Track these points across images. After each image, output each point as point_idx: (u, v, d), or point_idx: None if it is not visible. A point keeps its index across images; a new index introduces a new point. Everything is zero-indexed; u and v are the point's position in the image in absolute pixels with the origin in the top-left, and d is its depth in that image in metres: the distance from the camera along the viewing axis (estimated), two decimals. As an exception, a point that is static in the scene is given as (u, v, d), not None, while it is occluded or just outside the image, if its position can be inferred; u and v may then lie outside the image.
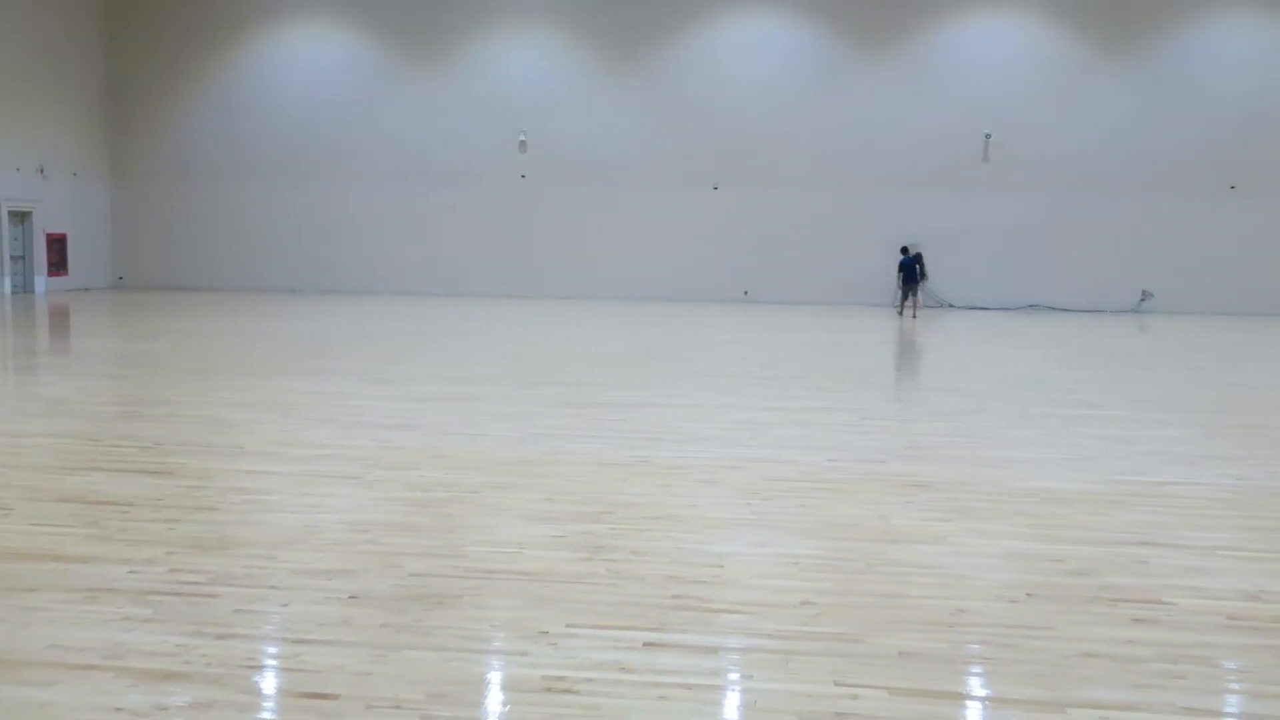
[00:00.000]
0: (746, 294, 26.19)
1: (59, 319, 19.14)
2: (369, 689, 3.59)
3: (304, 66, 27.19)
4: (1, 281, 24.27)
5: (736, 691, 3.67)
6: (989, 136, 25.30)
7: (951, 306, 25.70)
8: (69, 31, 26.15)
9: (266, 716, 3.45)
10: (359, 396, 10.05)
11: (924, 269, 23.99)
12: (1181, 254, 25.03)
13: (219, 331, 16.49)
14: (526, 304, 24.32)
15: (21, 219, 24.97)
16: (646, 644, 4.02)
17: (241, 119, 27.46)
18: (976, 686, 3.75)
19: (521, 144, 26.66)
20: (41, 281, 25.40)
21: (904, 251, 23.85)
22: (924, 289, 24.87)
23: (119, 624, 4.13)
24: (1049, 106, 25.13)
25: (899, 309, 23.43)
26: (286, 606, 4.36)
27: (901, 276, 23.26)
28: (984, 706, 3.60)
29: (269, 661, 3.85)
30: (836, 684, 3.69)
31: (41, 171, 25.29)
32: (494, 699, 3.60)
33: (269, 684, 3.67)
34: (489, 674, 3.79)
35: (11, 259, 24.67)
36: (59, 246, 26.14)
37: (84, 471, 6.78)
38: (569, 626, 4.18)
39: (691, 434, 8.41)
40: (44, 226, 25.54)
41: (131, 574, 4.73)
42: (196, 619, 4.19)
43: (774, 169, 25.90)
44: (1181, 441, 8.44)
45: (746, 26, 25.84)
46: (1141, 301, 25.25)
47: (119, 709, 3.42)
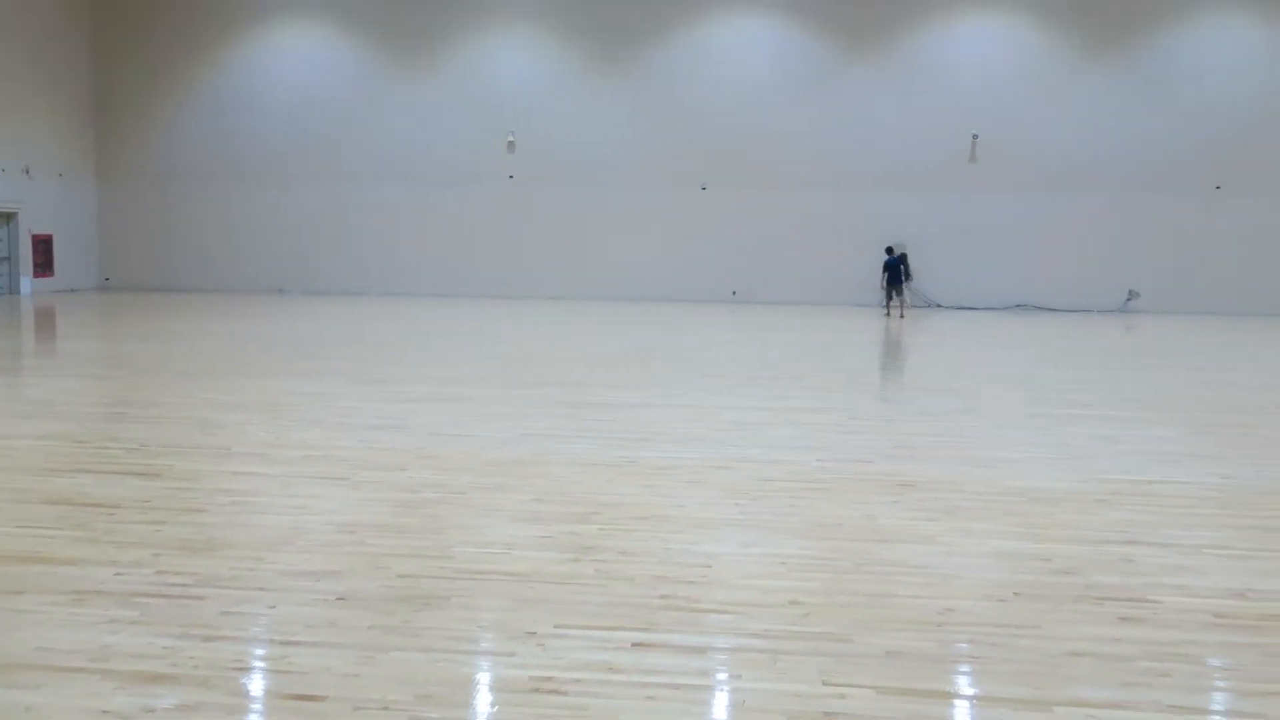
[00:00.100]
0: (735, 294, 26.21)
1: (45, 320, 19.06)
2: (356, 690, 3.58)
3: (292, 67, 27.12)
4: (-13, 283, 24.22)
5: (725, 691, 3.67)
6: (976, 137, 25.37)
7: (939, 306, 25.76)
8: (55, 32, 26.04)
9: (254, 718, 3.45)
10: (347, 397, 10.03)
11: (908, 269, 24.03)
12: (1168, 254, 25.14)
13: (206, 333, 16.44)
14: (515, 304, 24.30)
15: (7, 220, 24.84)
16: (634, 644, 4.02)
17: (229, 120, 27.37)
18: (964, 685, 3.76)
19: (510, 144, 26.63)
20: (27, 283, 25.27)
21: (889, 251, 23.89)
22: (910, 289, 24.95)
23: (106, 626, 4.12)
24: (1036, 107, 25.21)
25: (886, 310, 23.47)
26: (274, 608, 4.35)
27: (886, 276, 23.29)
28: (971, 705, 3.61)
29: (256, 663, 3.84)
30: (825, 683, 3.70)
31: (27, 172, 25.16)
32: (482, 700, 3.60)
33: (256, 686, 3.66)
34: (477, 675, 3.79)
35: (-3, 260, 24.63)
36: (45, 247, 26.02)
37: (71, 473, 6.75)
38: (557, 627, 4.18)
39: (680, 434, 8.42)
40: (30, 227, 25.41)
41: (118, 576, 4.72)
42: (183, 621, 4.18)
43: (763, 169, 25.93)
44: (1168, 441, 8.48)
45: (736, 27, 25.86)
46: (1128, 301, 25.34)
47: (106, 711, 3.41)
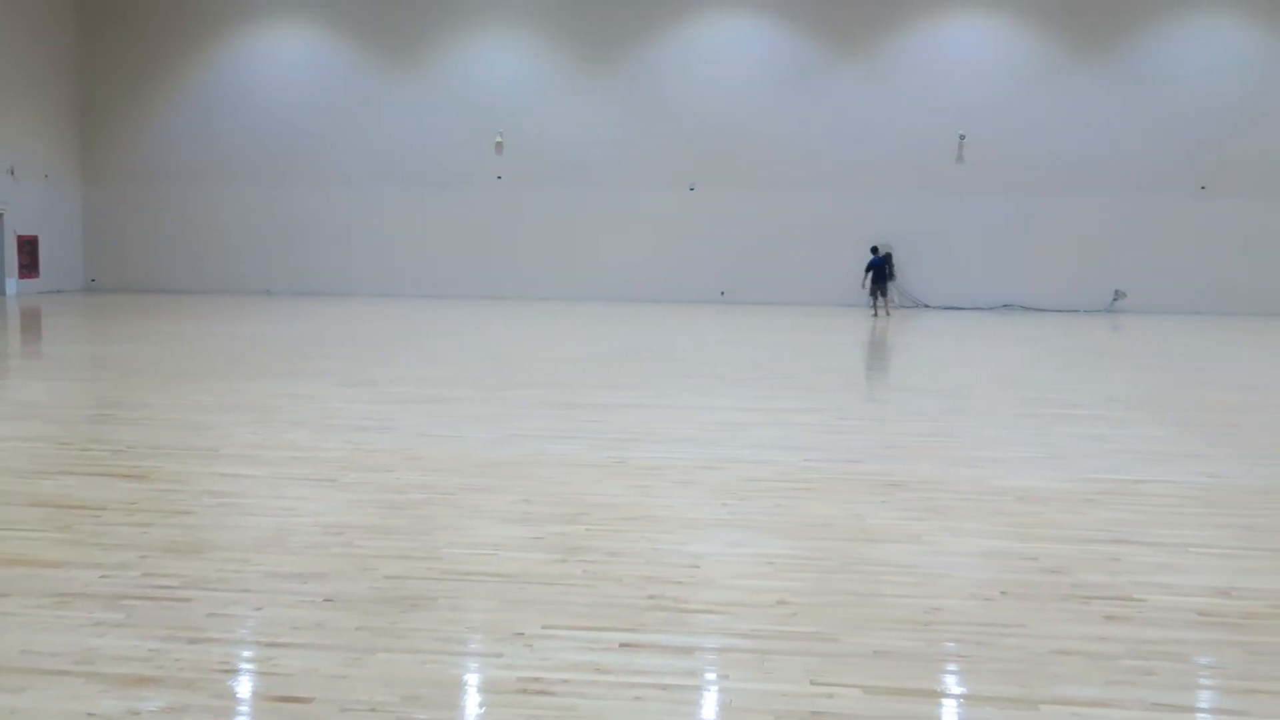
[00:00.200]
0: (723, 295, 26.23)
1: (30, 321, 18.96)
2: (344, 692, 3.57)
3: (278, 67, 27.05)
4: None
5: (712, 691, 3.67)
6: (963, 138, 25.44)
7: (927, 307, 25.83)
8: (39, 32, 25.92)
9: (240, 721, 3.43)
10: (335, 399, 10.01)
11: (893, 269, 24.11)
12: (1154, 254, 25.25)
13: (193, 334, 16.38)
14: (504, 305, 24.27)
15: (-9, 221, 24.77)
16: (622, 645, 4.02)
17: (216, 120, 27.28)
18: (951, 684, 3.77)
19: (498, 145, 26.61)
20: (12, 284, 25.14)
21: (874, 251, 23.95)
22: (894, 288, 25.04)
23: (91, 629, 4.10)
24: (1022, 108, 25.30)
25: (873, 310, 23.52)
26: (260, 610, 4.34)
27: (870, 276, 23.34)
28: (958, 704, 3.62)
29: (242, 665, 3.82)
30: (812, 683, 3.70)
31: (12, 173, 25.04)
32: (469, 701, 3.59)
33: (242, 688, 3.65)
34: (464, 676, 3.78)
35: (-19, 261, 24.52)
36: (30, 248, 25.90)
37: (56, 475, 6.72)
38: (545, 628, 4.17)
39: (669, 435, 8.42)
40: (14, 228, 25.29)
41: (103, 578, 4.70)
42: (169, 623, 4.16)
43: (751, 170, 25.96)
44: (1155, 440, 8.52)
45: (723, 28, 25.89)
46: (1114, 301, 25.45)
47: (91, 714, 3.39)
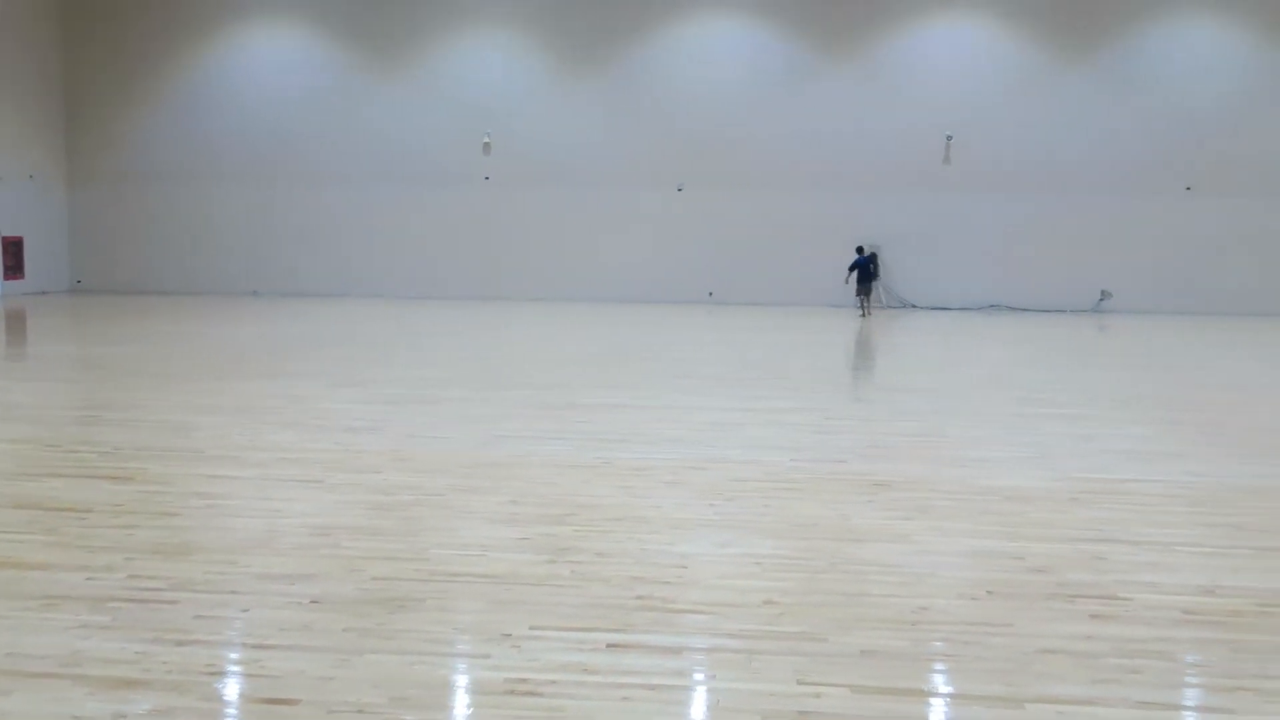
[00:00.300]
0: (711, 295, 26.25)
1: (15, 323, 18.87)
2: (330, 694, 3.57)
3: (265, 67, 26.97)
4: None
5: (700, 691, 3.68)
6: (950, 138, 25.51)
7: (914, 307, 25.89)
8: (23, 32, 25.79)
9: (227, 723, 3.43)
10: (322, 399, 9.99)
11: (877, 269, 24.19)
12: (1139, 255, 25.36)
13: (179, 335, 16.32)
14: (491, 306, 24.24)
15: (-23, 222, 24.65)
16: (610, 645, 4.02)
17: (202, 121, 27.19)
18: (938, 683, 3.78)
19: (486, 145, 26.58)
20: (-3, 285, 25.08)
21: (859, 251, 24.00)
22: (879, 288, 25.13)
23: (77, 631, 4.08)
24: (1009, 110, 25.38)
25: (861, 310, 23.55)
26: (247, 612, 4.33)
27: (855, 275, 23.39)
28: (945, 703, 3.63)
29: (229, 667, 3.82)
30: (799, 683, 3.71)
31: (-3, 174, 24.96)
32: (457, 702, 3.59)
33: (229, 690, 3.64)
34: (452, 677, 3.78)
35: (-34, 262, 24.38)
36: (15, 250, 25.77)
37: (41, 477, 6.69)
38: (532, 629, 4.17)
39: (656, 435, 8.43)
40: None
41: (90, 581, 4.68)
42: (156, 625, 4.15)
43: (738, 171, 25.99)
44: (1140, 439, 8.55)
45: (711, 29, 25.91)
46: (1100, 301, 25.55)
47: (77, 717, 3.38)
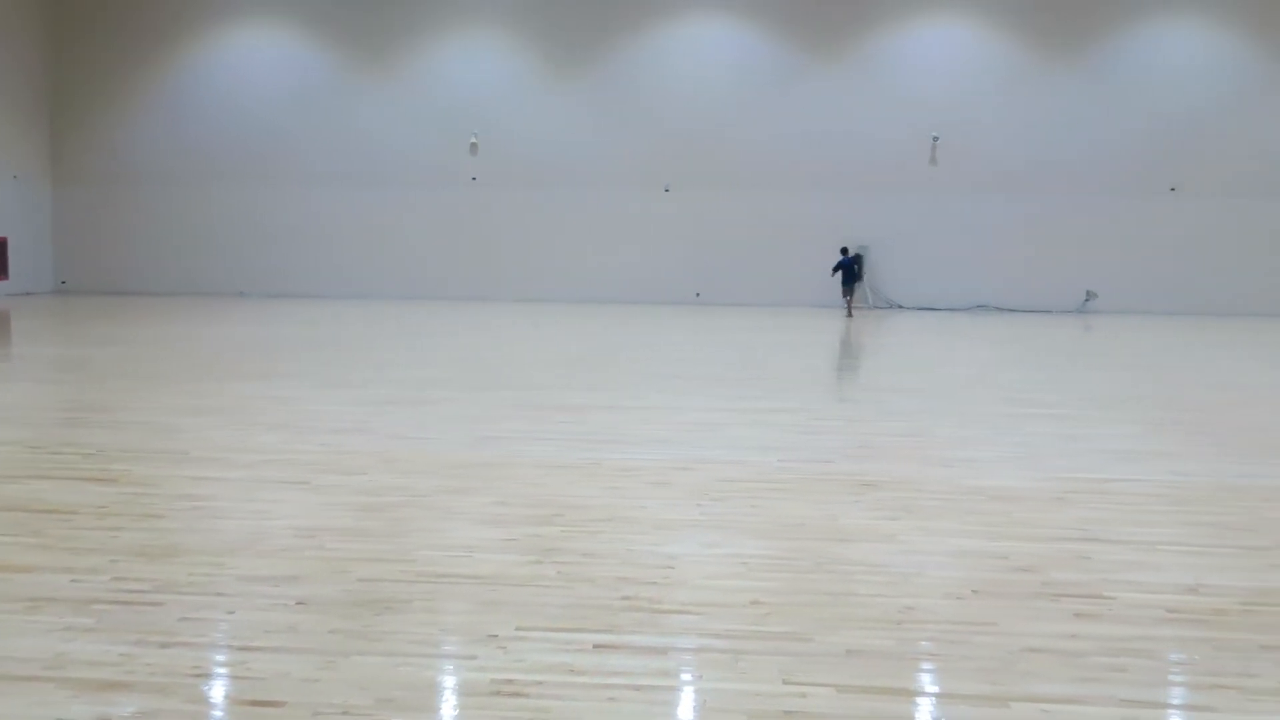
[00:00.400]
0: (699, 296, 26.28)
1: None
2: (316, 695, 3.56)
3: (251, 68, 26.89)
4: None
5: (686, 692, 3.68)
6: (937, 139, 25.60)
7: (901, 307, 25.96)
8: (7, 32, 25.67)
9: (212, 725, 3.42)
10: (309, 401, 9.96)
11: (861, 269, 24.29)
12: (1125, 255, 25.48)
13: (165, 336, 16.26)
14: (479, 307, 24.21)
15: (-40, 222, 24.51)
16: (596, 646, 4.03)
17: (188, 121, 27.10)
18: (923, 683, 3.79)
19: (473, 146, 26.55)
20: (-19, 286, 24.95)
21: (844, 252, 24.07)
22: (866, 289, 25.22)
23: (61, 634, 4.07)
24: (995, 110, 25.48)
25: (845, 311, 23.60)
26: (233, 614, 4.32)
27: (840, 276, 23.46)
28: (930, 702, 3.64)
29: (215, 669, 3.80)
30: (785, 683, 3.72)
31: (-19, 174, 24.84)
32: (443, 703, 3.58)
33: (215, 692, 3.63)
34: (438, 678, 3.77)
35: (-50, 263, 24.26)
36: (-1, 250, 25.68)
37: (25, 479, 6.66)
38: (519, 629, 4.17)
39: (643, 436, 8.43)
40: (-16, 230, 25.10)
41: (74, 583, 4.66)
42: (141, 628, 4.14)
43: (725, 171, 26.02)
44: (1125, 439, 8.59)
45: (697, 29, 25.94)
46: (1086, 302, 25.66)
47: (60, 720, 3.37)
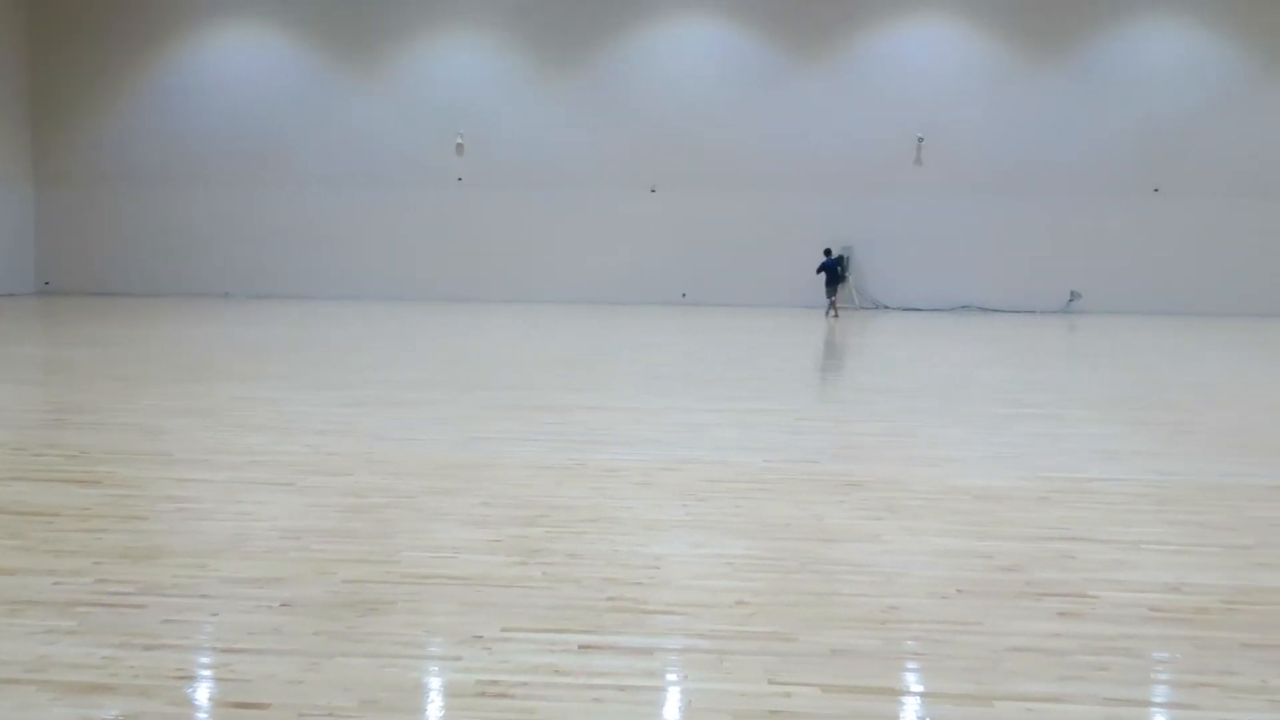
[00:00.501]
0: (685, 296, 26.30)
1: (-18, 325, 18.66)
2: (301, 697, 3.55)
3: (236, 68, 26.80)
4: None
5: (671, 692, 3.69)
6: (921, 140, 25.67)
7: (886, 308, 26.03)
8: (-10, 31, 25.54)
9: (195, 727, 3.41)
10: (293, 402, 9.93)
11: (844, 270, 24.38)
12: (1108, 255, 25.61)
13: (149, 337, 16.19)
14: (464, 308, 24.18)
15: (-58, 223, 24.36)
16: (581, 646, 4.03)
17: (173, 122, 26.98)
18: (907, 682, 3.81)
19: (459, 146, 26.52)
20: (-37, 287, 24.79)
21: (827, 253, 24.13)
22: (851, 290, 25.30)
23: (43, 636, 4.05)
24: (980, 111, 25.57)
25: (832, 311, 23.66)
26: (216, 616, 4.30)
27: (824, 277, 23.54)
28: (915, 702, 3.66)
29: (198, 672, 3.79)
30: (770, 682, 3.73)
31: (-38, 174, 24.68)
32: (428, 705, 3.58)
33: (199, 694, 3.62)
34: (423, 679, 3.77)
35: (-69, 264, 24.10)
36: (-19, 251, 25.52)
37: (7, 481, 6.62)
38: (504, 630, 4.17)
39: (629, 436, 8.43)
40: (-35, 230, 24.94)
41: (56, 585, 4.64)
42: (124, 630, 4.12)
43: (711, 172, 26.05)
44: (1108, 438, 8.63)
45: (683, 30, 25.96)
46: (1070, 302, 25.77)
47: (42, 723, 3.35)
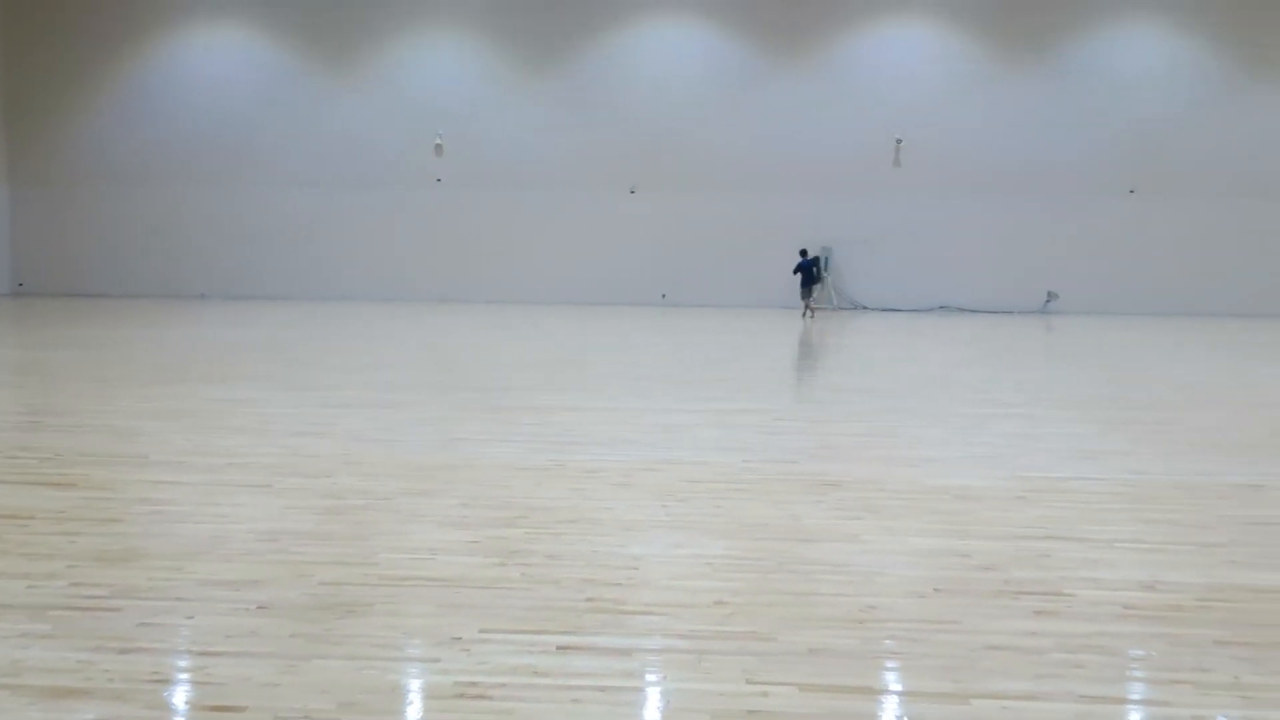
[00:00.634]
0: (664, 297, 26.31)
1: (-45, 327, 18.49)
2: (278, 700, 3.54)
3: (213, 68, 26.63)
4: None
5: (650, 692, 3.69)
6: (900, 141, 25.76)
7: (865, 308, 26.11)
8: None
9: (171, 731, 3.39)
10: (271, 404, 9.88)
11: (820, 271, 24.47)
12: (1085, 256, 25.76)
13: (125, 339, 16.07)
14: (444, 309, 24.12)
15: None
16: (560, 647, 4.03)
17: (149, 121, 26.79)
18: (885, 681, 3.83)
19: (438, 147, 26.44)
20: (-64, 288, 24.53)
21: (803, 254, 24.21)
22: (830, 289, 25.40)
23: (16, 640, 4.01)
24: (958, 113, 25.67)
25: (806, 311, 23.72)
26: (193, 619, 4.28)
27: (800, 278, 23.62)
28: (892, 700, 3.67)
29: (175, 675, 3.77)
30: (748, 682, 3.74)
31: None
32: (406, 707, 3.57)
33: (175, 698, 3.60)
34: (401, 682, 3.76)
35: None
36: (-46, 252, 25.26)
37: (-20, 484, 6.57)
38: (482, 632, 4.16)
39: (608, 437, 8.44)
40: (-62, 231, 24.68)
41: (30, 589, 4.60)
42: (99, 634, 4.09)
43: (690, 173, 26.06)
44: (1084, 438, 8.69)
45: (663, 32, 25.96)
46: (1047, 303, 25.91)
47: (16, 728, 3.33)
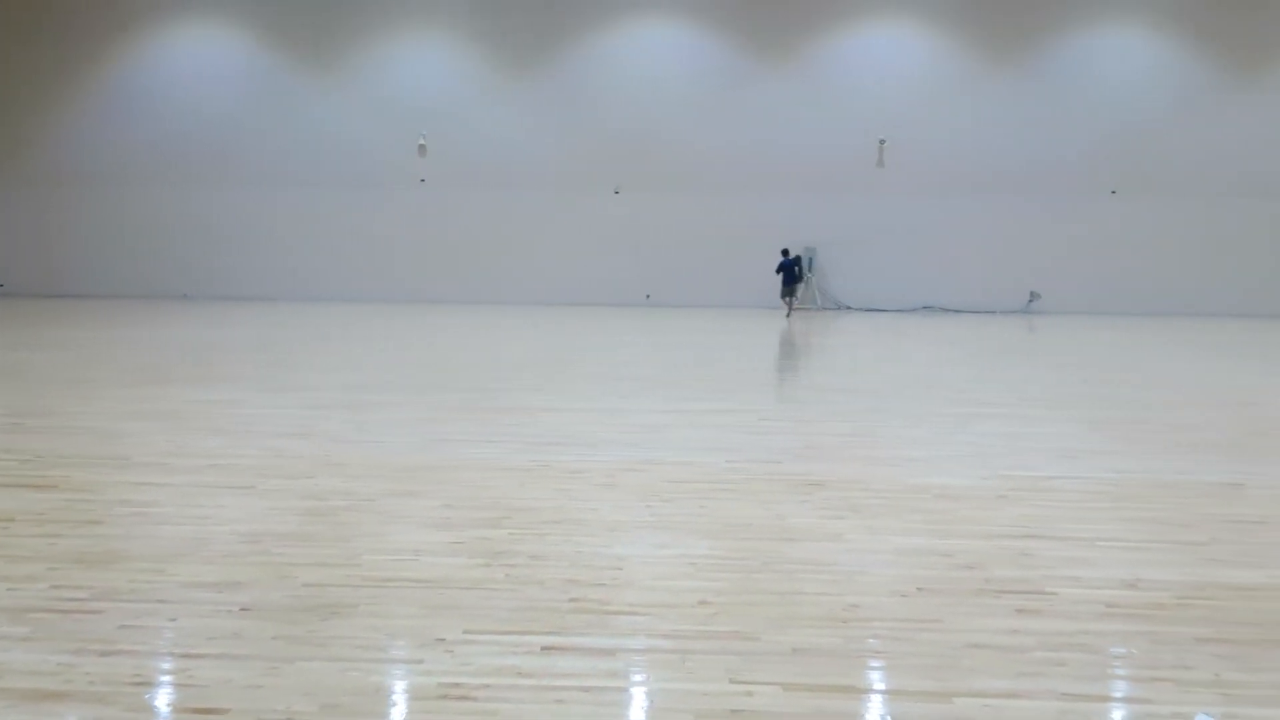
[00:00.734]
0: (649, 297, 26.31)
1: (-66, 328, 18.34)
2: (260, 702, 3.52)
3: (194, 68, 26.51)
4: None
5: (634, 692, 3.70)
6: (883, 142, 25.84)
7: (848, 309, 26.18)
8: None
9: (153, 734, 3.37)
10: (252, 405, 9.84)
11: (802, 271, 24.56)
12: (1068, 257, 25.89)
13: (107, 340, 15.98)
14: (427, 309, 24.06)
15: (-108, 224, 23.90)
16: (544, 648, 4.02)
17: (132, 121, 26.65)
18: (869, 680, 3.84)
19: (421, 147, 26.39)
20: (-86, 289, 24.33)
21: (784, 254, 24.28)
22: (813, 289, 25.47)
23: (-4, 644, 3.99)
24: (940, 113, 25.77)
25: (786, 312, 23.79)
26: (175, 621, 4.26)
27: (782, 278, 23.71)
28: (875, 699, 3.69)
29: (156, 677, 3.75)
30: (732, 682, 3.74)
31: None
32: (389, 708, 3.56)
33: (157, 700, 3.58)
34: (385, 683, 3.75)
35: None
36: (-67, 252, 25.08)
37: (-41, 486, 6.52)
38: (466, 633, 4.16)
39: (592, 437, 8.43)
40: (-83, 232, 24.49)
41: (10, 591, 4.57)
42: (79, 636, 4.07)
43: (675, 174, 26.08)
44: (1066, 437, 8.73)
45: (646, 32, 25.98)
46: (1030, 303, 26.03)
47: (-4, 731, 3.31)
